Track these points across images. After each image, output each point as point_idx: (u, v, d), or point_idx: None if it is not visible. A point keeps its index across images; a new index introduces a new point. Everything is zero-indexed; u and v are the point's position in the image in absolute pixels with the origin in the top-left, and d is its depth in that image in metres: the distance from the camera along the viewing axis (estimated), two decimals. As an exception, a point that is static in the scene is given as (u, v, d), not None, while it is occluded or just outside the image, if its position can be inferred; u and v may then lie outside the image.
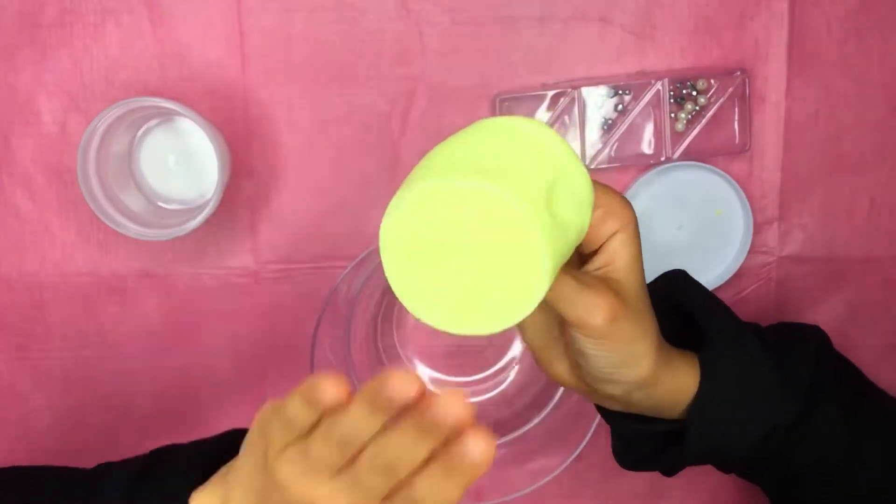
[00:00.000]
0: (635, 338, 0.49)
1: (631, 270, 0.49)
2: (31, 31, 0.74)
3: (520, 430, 0.74)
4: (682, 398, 0.53)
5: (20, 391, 0.78)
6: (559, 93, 0.74)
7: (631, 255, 0.49)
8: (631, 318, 0.49)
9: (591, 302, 0.47)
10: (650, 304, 0.51)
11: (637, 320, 0.49)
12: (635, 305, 0.49)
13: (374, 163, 0.75)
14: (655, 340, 0.51)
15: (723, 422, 0.53)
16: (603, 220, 0.48)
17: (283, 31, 0.74)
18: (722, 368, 0.53)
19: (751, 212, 0.75)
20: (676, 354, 0.53)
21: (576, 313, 0.48)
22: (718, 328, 0.55)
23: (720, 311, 0.57)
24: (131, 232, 0.70)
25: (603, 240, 0.49)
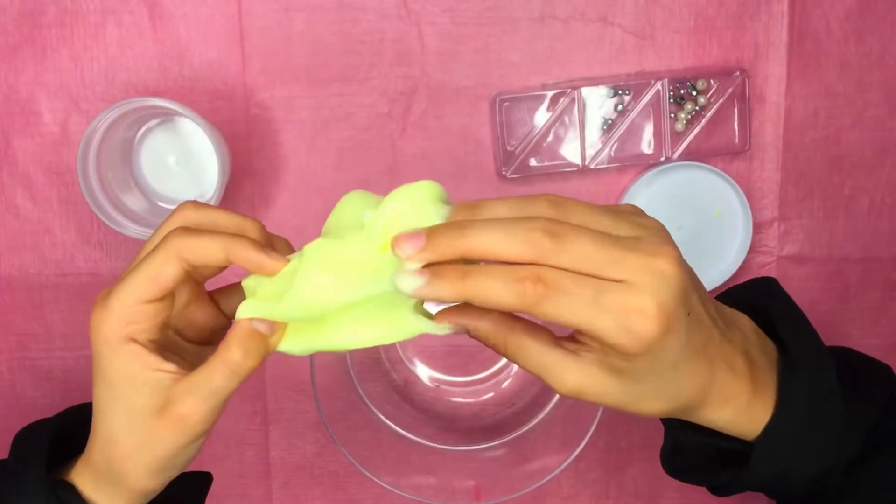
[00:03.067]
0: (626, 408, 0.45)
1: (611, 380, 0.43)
2: (32, 31, 0.74)
3: (520, 430, 0.74)
4: (746, 425, 0.48)
5: (20, 391, 0.78)
6: (559, 93, 0.74)
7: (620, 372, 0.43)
8: (606, 402, 0.44)
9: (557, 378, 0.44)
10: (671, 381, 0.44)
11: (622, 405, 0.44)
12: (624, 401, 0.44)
13: (374, 163, 0.76)
14: (665, 411, 0.46)
15: (792, 453, 0.49)
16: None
17: (283, 31, 0.74)
18: (801, 399, 0.48)
19: (750, 212, 0.75)
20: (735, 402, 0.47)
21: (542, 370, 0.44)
22: (804, 355, 0.49)
23: (807, 335, 0.51)
24: (131, 232, 0.70)
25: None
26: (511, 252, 0.40)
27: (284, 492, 0.79)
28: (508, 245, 0.40)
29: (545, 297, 0.40)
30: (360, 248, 0.45)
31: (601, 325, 0.40)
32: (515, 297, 0.40)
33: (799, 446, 0.49)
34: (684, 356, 0.43)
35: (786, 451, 0.49)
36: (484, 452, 0.76)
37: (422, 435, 0.75)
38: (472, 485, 0.76)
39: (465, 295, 0.41)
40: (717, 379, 0.46)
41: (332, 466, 0.79)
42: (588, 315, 0.40)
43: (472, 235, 0.41)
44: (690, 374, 0.44)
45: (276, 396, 0.78)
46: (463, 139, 0.75)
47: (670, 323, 0.41)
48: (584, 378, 0.43)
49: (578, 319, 0.40)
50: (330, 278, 0.45)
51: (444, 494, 0.75)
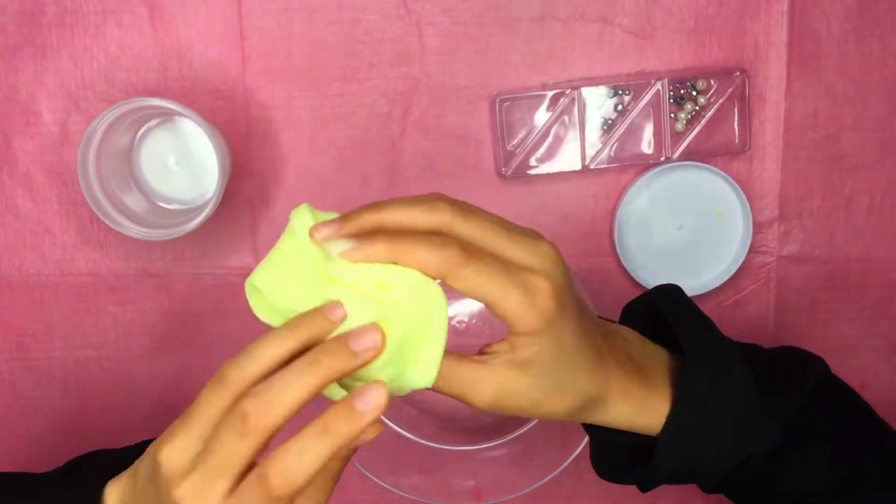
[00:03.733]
0: (530, 411, 0.48)
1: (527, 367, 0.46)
2: (32, 31, 0.74)
3: (520, 430, 0.74)
4: (649, 426, 0.51)
5: (20, 391, 0.78)
6: (559, 93, 0.74)
7: (533, 354, 0.46)
8: (520, 408, 0.47)
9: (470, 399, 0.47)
10: (567, 374, 0.47)
11: (532, 407, 0.47)
12: (532, 390, 0.47)
13: (374, 163, 0.76)
14: (567, 408, 0.48)
15: (693, 446, 0.51)
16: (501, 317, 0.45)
17: (284, 31, 0.74)
18: (696, 393, 0.51)
19: (750, 212, 0.75)
20: (632, 397, 0.50)
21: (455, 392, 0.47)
22: (697, 350, 0.52)
23: (704, 332, 0.54)
24: (131, 232, 0.70)
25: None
26: (422, 219, 0.45)
27: (284, 492, 0.79)
28: (420, 214, 0.45)
29: (466, 265, 0.43)
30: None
31: (512, 298, 0.44)
32: (440, 260, 0.43)
33: (702, 438, 0.51)
34: (580, 345, 0.47)
35: (688, 442, 0.51)
36: (484, 452, 0.76)
37: (422, 435, 0.75)
38: (472, 485, 0.76)
39: (394, 254, 0.43)
40: (611, 375, 0.49)
41: (332, 466, 0.79)
42: (500, 287, 0.44)
43: (386, 210, 0.45)
44: (588, 367, 0.48)
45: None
46: (463, 139, 0.75)
47: (563, 301, 0.45)
48: (498, 382, 0.46)
49: (494, 291, 0.44)
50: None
51: (444, 494, 0.75)
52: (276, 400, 0.41)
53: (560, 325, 0.46)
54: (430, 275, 0.44)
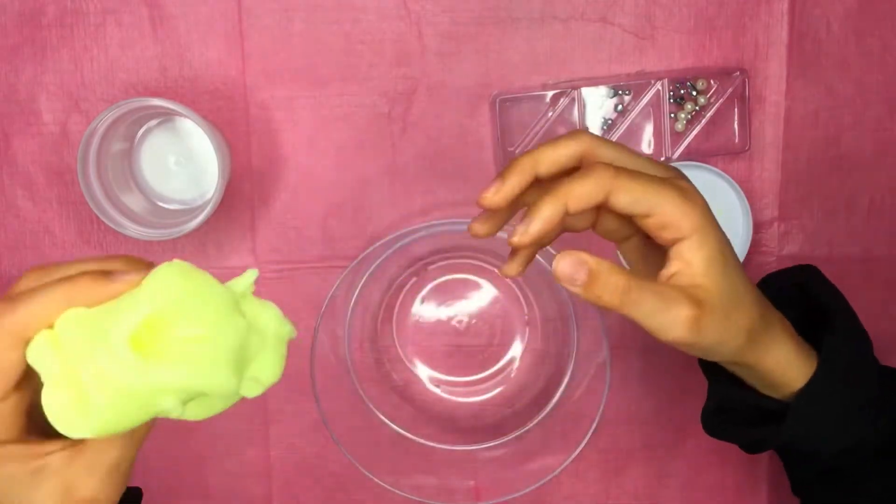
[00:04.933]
0: (722, 337, 0.50)
1: (707, 275, 0.49)
2: (32, 31, 0.74)
3: (520, 430, 0.74)
4: (788, 383, 0.53)
5: (21, 391, 0.78)
6: (559, 93, 0.74)
7: (704, 260, 0.49)
8: (716, 321, 0.49)
9: (669, 319, 0.48)
10: (741, 293, 0.50)
11: (723, 320, 0.49)
12: (720, 307, 0.49)
13: (374, 163, 0.76)
14: (747, 330, 0.50)
15: (826, 415, 0.53)
16: (660, 227, 0.49)
17: (283, 31, 0.74)
18: (840, 363, 0.53)
19: (750, 212, 0.75)
20: (786, 336, 0.53)
21: (655, 328, 0.48)
22: (847, 324, 0.55)
23: (850, 311, 0.57)
24: (131, 232, 0.70)
25: (666, 242, 0.49)
26: (568, 149, 0.50)
27: (284, 492, 0.79)
28: (566, 146, 0.50)
29: (623, 178, 0.48)
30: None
31: (671, 198, 0.48)
32: (598, 186, 0.48)
33: (833, 411, 0.53)
34: (741, 278, 0.50)
35: (821, 413, 0.53)
36: (484, 452, 0.76)
37: (422, 435, 0.75)
38: (472, 485, 0.76)
39: (561, 202, 0.48)
40: (771, 317, 0.52)
41: (332, 466, 0.79)
42: (658, 191, 0.48)
43: (537, 152, 0.50)
44: (752, 301, 0.51)
45: (276, 396, 0.78)
46: (463, 139, 0.75)
47: (707, 214, 0.50)
48: (688, 296, 0.48)
49: (652, 196, 0.48)
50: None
51: (444, 494, 0.75)
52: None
53: (716, 228, 0.50)
54: (594, 201, 0.48)
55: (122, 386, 0.39)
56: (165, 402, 0.40)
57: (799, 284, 0.58)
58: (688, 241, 0.49)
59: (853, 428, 0.54)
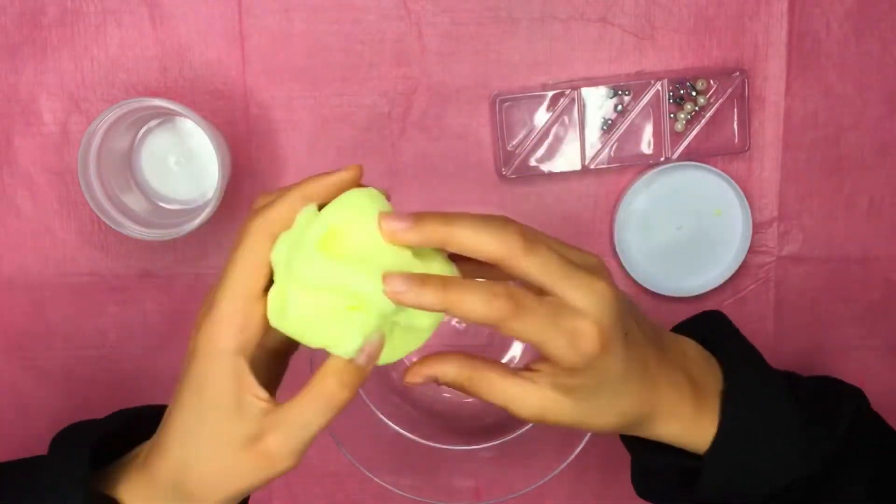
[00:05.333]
0: (582, 424, 0.48)
1: (565, 397, 0.47)
2: (33, 32, 0.74)
3: (520, 430, 0.74)
4: (693, 446, 0.52)
5: (21, 391, 0.78)
6: (559, 93, 0.74)
7: (580, 384, 0.47)
8: (570, 409, 0.48)
9: (515, 409, 0.48)
10: (622, 386, 0.48)
11: (577, 421, 0.48)
12: (585, 400, 0.48)
13: (375, 163, 0.76)
14: (619, 421, 0.49)
15: (738, 469, 0.52)
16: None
17: (283, 31, 0.74)
18: (740, 421, 0.51)
19: (750, 212, 0.75)
20: (679, 418, 0.51)
21: (502, 403, 0.48)
22: (743, 372, 0.53)
23: (749, 355, 0.55)
24: (132, 232, 0.70)
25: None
26: (488, 248, 0.44)
27: (284, 492, 0.79)
28: (488, 241, 0.44)
29: (515, 313, 0.44)
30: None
31: (556, 343, 0.45)
32: (491, 310, 0.44)
33: (748, 463, 0.52)
34: (626, 373, 0.48)
35: (735, 466, 0.52)
36: (484, 452, 0.76)
37: (422, 435, 0.75)
38: (472, 485, 0.76)
39: (445, 303, 0.44)
40: (661, 393, 0.50)
41: (332, 466, 0.79)
42: (547, 334, 0.45)
43: (457, 226, 0.44)
44: (634, 389, 0.49)
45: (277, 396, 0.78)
46: (463, 139, 0.75)
47: (609, 342, 0.45)
48: (542, 400, 0.47)
49: (539, 337, 0.45)
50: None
51: (444, 494, 0.75)
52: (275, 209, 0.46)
53: (603, 363, 0.46)
54: (481, 321, 0.45)
55: (309, 282, 0.44)
56: (352, 324, 0.45)
57: (701, 337, 0.56)
58: (565, 371, 0.46)
59: (775, 475, 0.52)
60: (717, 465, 0.51)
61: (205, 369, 0.46)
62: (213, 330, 0.45)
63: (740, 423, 0.51)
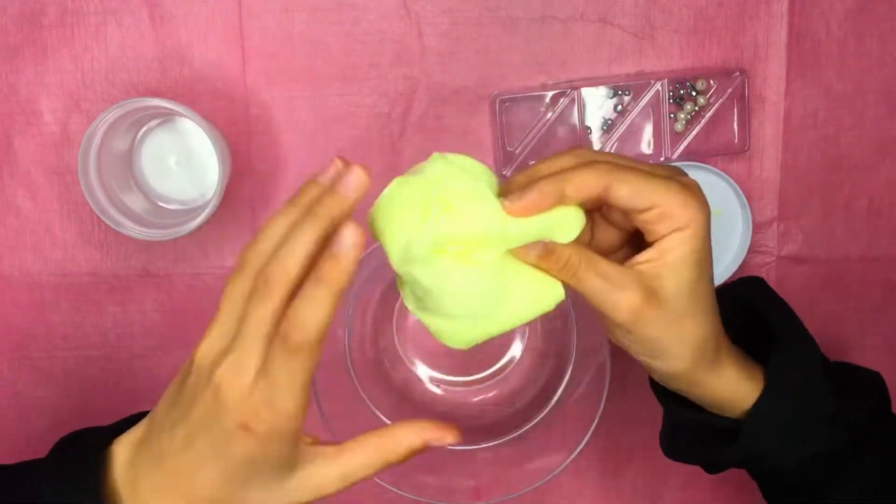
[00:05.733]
0: (666, 338, 0.50)
1: (676, 270, 0.49)
2: (33, 32, 0.74)
3: (520, 430, 0.74)
4: (737, 402, 0.53)
5: (21, 391, 0.78)
6: (559, 93, 0.74)
7: (681, 255, 0.49)
8: (661, 318, 0.49)
9: (613, 300, 0.48)
10: (702, 307, 0.50)
11: (670, 321, 0.49)
12: (674, 306, 0.49)
13: (374, 163, 0.75)
14: (696, 343, 0.50)
15: (776, 432, 0.53)
16: (658, 219, 0.49)
17: (284, 31, 0.74)
18: (786, 381, 0.53)
19: (750, 212, 0.75)
20: (732, 360, 0.53)
21: (601, 307, 0.49)
22: (792, 340, 0.54)
23: (796, 324, 0.56)
24: (132, 232, 0.70)
25: (658, 236, 0.49)
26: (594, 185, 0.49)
27: (284, 492, 0.79)
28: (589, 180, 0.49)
29: (624, 171, 0.48)
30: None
31: (673, 190, 0.48)
32: (599, 177, 0.48)
33: (785, 426, 0.53)
34: (707, 292, 0.50)
35: (772, 429, 0.53)
36: (484, 452, 0.76)
37: (422, 435, 0.75)
38: (472, 485, 0.76)
39: (559, 186, 0.47)
40: (722, 329, 0.52)
41: (332, 466, 0.79)
42: (656, 189, 0.48)
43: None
44: (710, 319, 0.51)
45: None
46: (463, 139, 0.75)
47: (705, 215, 0.49)
48: (639, 290, 0.49)
49: (650, 193, 0.48)
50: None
51: (444, 494, 0.75)
52: (289, 255, 0.43)
53: (707, 235, 0.49)
54: (594, 190, 0.48)
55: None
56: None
57: (745, 299, 0.58)
58: (676, 234, 0.49)
59: (806, 442, 0.54)
60: (757, 422, 0.53)
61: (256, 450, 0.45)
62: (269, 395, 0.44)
63: (783, 391, 0.53)
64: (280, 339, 0.43)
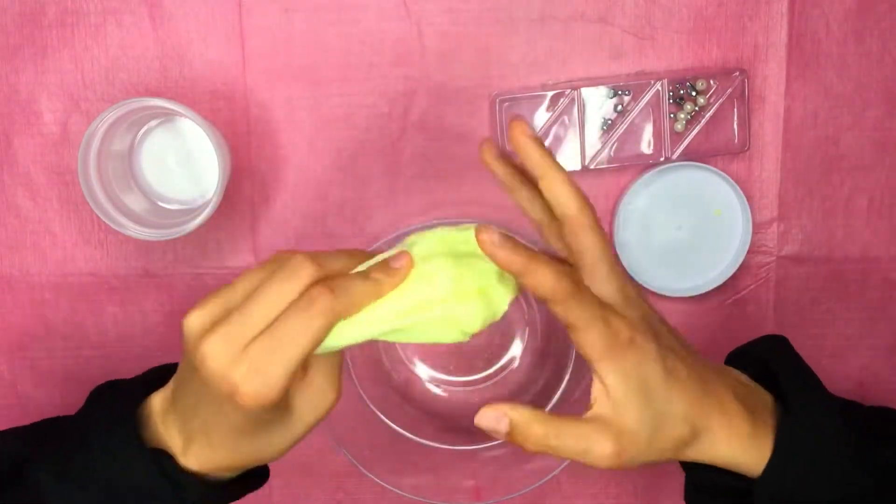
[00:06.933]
0: (650, 458, 0.50)
1: (624, 405, 0.49)
2: (33, 32, 0.74)
3: (520, 429, 0.74)
4: (751, 467, 0.53)
5: (21, 391, 0.78)
6: (559, 93, 0.74)
7: (622, 389, 0.49)
8: (638, 449, 0.49)
9: (591, 456, 0.49)
10: (670, 415, 0.50)
11: (646, 446, 0.49)
12: (642, 435, 0.49)
13: (374, 163, 0.76)
14: (678, 442, 0.50)
15: (791, 493, 0.53)
16: (579, 348, 0.49)
17: (284, 31, 0.74)
18: (797, 447, 0.52)
19: (750, 212, 0.75)
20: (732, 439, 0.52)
21: (586, 463, 0.49)
22: (802, 403, 0.54)
23: (808, 380, 0.56)
24: (132, 232, 0.70)
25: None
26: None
27: (284, 492, 0.79)
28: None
29: (573, 297, 0.47)
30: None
31: (594, 329, 0.48)
32: (558, 286, 0.47)
33: (800, 486, 0.52)
34: (666, 374, 0.50)
35: (787, 488, 0.52)
36: (484, 452, 0.76)
37: (422, 435, 0.75)
38: (472, 485, 0.76)
39: (526, 268, 0.47)
40: (714, 407, 0.51)
41: (332, 466, 0.79)
42: (594, 317, 0.48)
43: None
44: (688, 396, 0.50)
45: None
46: (463, 139, 0.75)
47: (640, 334, 0.49)
48: (610, 425, 0.49)
49: (582, 322, 0.48)
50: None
51: (444, 494, 0.75)
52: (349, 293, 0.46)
53: (638, 353, 0.49)
54: (544, 295, 0.48)
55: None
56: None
57: (763, 360, 0.58)
58: (603, 363, 0.49)
59: (824, 497, 0.53)
60: (769, 487, 0.52)
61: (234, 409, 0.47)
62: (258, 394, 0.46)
63: (795, 450, 0.52)
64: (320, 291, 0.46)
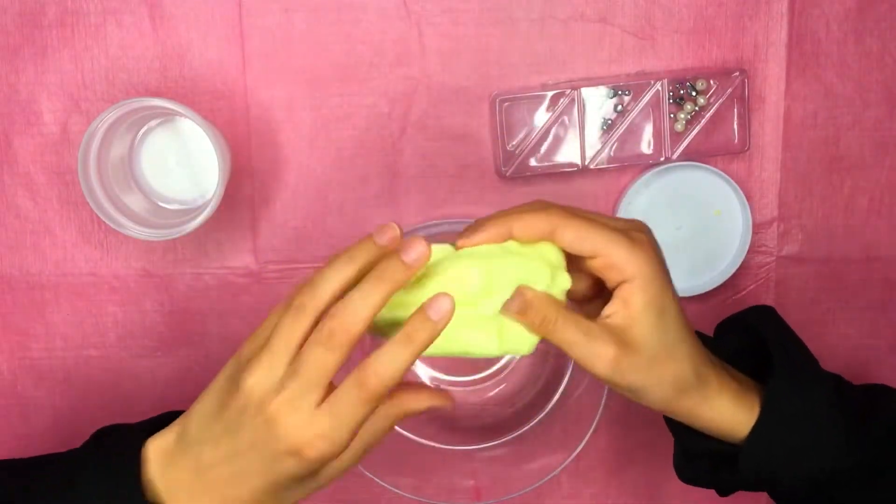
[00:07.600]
0: (645, 382, 0.51)
1: (639, 320, 0.50)
2: (33, 32, 0.74)
3: (520, 430, 0.74)
4: (736, 429, 0.54)
5: (21, 391, 0.78)
6: (559, 93, 0.74)
7: (640, 305, 0.50)
8: (638, 365, 0.51)
9: (591, 353, 0.50)
10: (675, 347, 0.52)
11: (646, 366, 0.51)
12: (646, 353, 0.51)
13: (374, 163, 0.76)
14: (675, 383, 0.52)
15: (777, 456, 0.54)
16: (605, 268, 0.51)
17: (284, 31, 0.74)
18: (786, 405, 0.54)
19: (750, 212, 0.75)
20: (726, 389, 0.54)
21: (580, 361, 0.51)
22: (789, 364, 0.55)
23: (797, 349, 0.57)
24: (132, 232, 0.70)
25: (612, 284, 0.51)
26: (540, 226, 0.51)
27: (284, 492, 0.79)
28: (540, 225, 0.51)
29: (569, 221, 0.50)
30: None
31: (619, 244, 0.50)
32: (546, 220, 0.50)
33: (787, 448, 0.54)
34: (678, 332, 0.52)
35: (773, 452, 0.54)
36: (484, 452, 0.76)
37: (422, 435, 0.75)
38: (472, 485, 0.76)
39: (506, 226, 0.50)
40: (709, 368, 0.53)
41: (332, 466, 0.79)
42: (606, 235, 0.50)
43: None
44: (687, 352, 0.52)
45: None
46: (463, 139, 0.75)
47: (654, 264, 0.51)
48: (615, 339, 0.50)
49: (599, 239, 0.50)
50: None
51: (444, 494, 0.75)
52: (355, 315, 0.47)
53: (662, 278, 0.51)
54: (541, 231, 0.50)
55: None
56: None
57: (751, 327, 0.60)
58: (629, 284, 0.50)
59: (815, 462, 0.54)
60: (756, 448, 0.54)
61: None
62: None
63: (781, 409, 0.54)
64: (355, 381, 0.47)
